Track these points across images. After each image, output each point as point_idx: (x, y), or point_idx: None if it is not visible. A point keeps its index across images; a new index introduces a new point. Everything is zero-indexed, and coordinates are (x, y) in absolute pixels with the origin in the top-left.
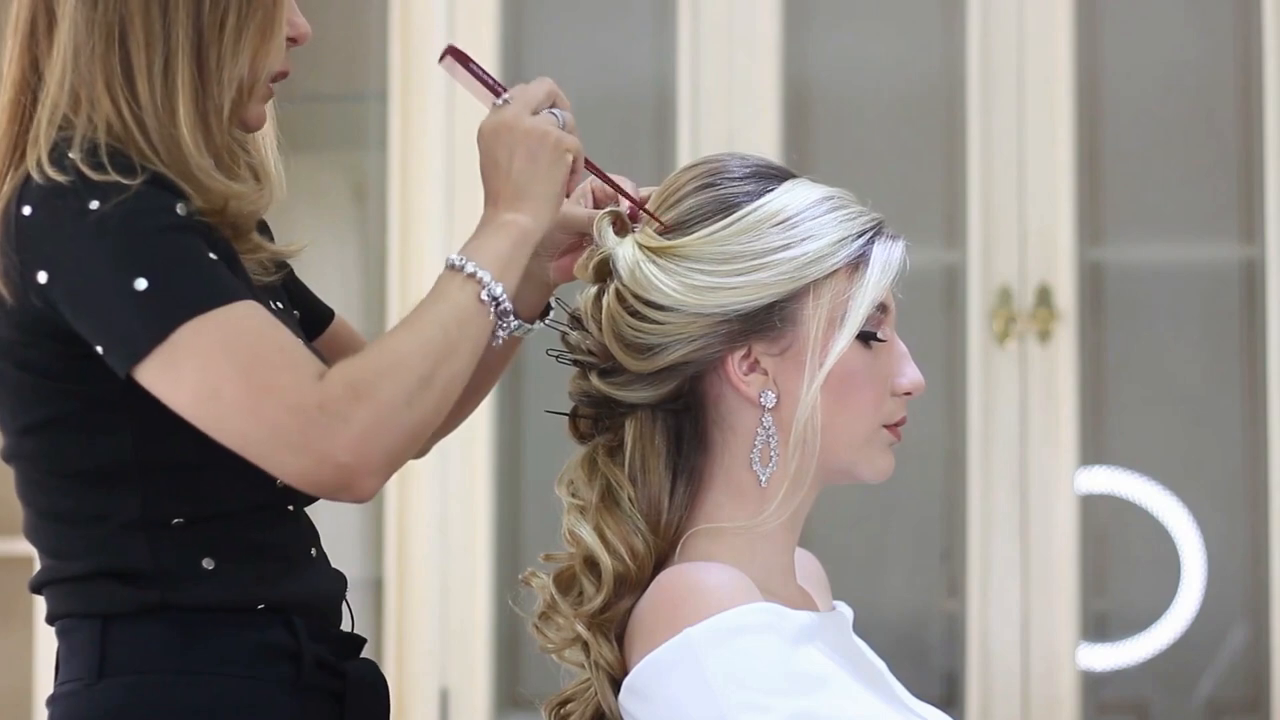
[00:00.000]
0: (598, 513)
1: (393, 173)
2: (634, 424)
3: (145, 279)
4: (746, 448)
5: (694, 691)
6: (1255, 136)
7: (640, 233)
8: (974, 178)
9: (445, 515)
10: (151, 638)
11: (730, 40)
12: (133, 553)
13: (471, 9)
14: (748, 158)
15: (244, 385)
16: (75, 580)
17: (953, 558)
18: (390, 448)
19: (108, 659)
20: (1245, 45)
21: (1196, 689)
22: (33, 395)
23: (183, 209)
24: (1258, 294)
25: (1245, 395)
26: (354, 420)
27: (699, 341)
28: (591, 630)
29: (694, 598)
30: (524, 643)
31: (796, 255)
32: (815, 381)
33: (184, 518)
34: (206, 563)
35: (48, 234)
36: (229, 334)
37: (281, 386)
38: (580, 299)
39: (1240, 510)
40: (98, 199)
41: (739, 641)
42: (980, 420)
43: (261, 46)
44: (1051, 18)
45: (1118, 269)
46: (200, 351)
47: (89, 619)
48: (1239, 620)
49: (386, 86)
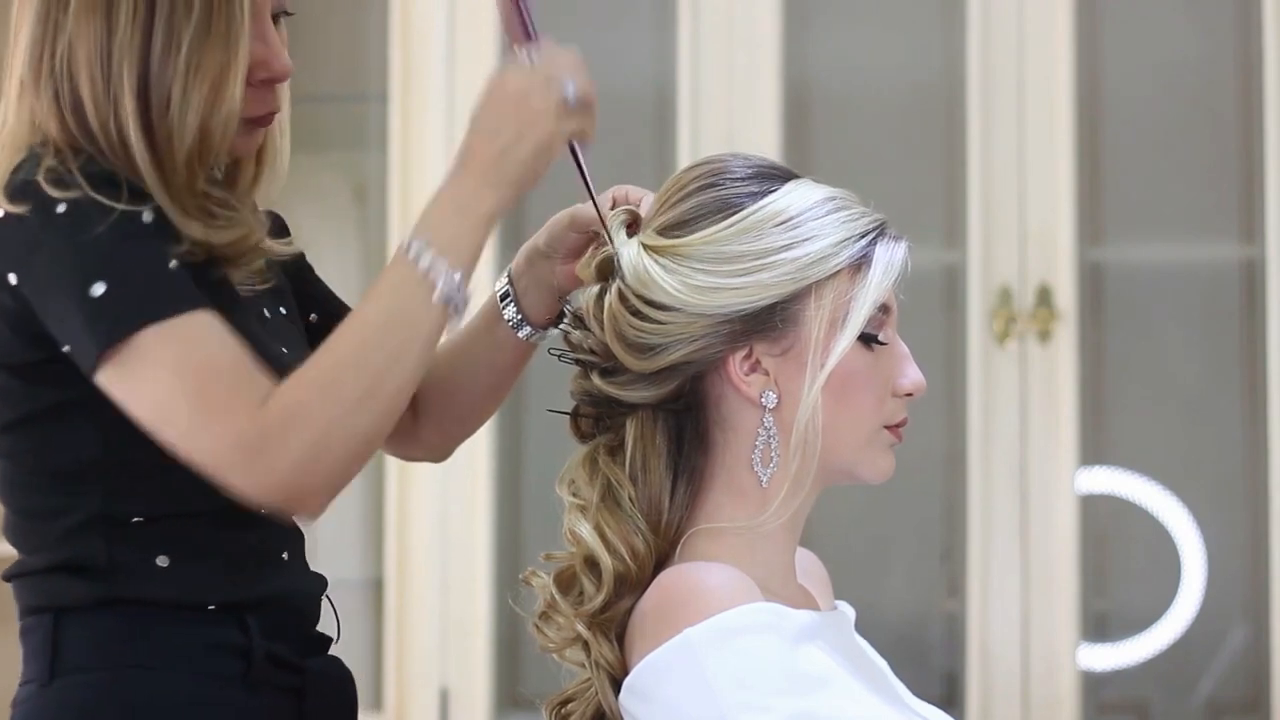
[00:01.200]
0: (598, 512)
1: (393, 173)
2: (635, 423)
3: (103, 283)
4: (747, 448)
5: (694, 692)
6: (1255, 136)
7: (644, 232)
8: (974, 178)
9: (445, 515)
10: (101, 631)
11: (730, 40)
12: (89, 548)
13: (472, 9)
14: (750, 158)
15: (190, 408)
16: (34, 574)
17: (953, 558)
18: (333, 467)
19: (59, 657)
20: (1245, 45)
21: (1196, 689)
22: (11, 393)
23: (149, 215)
24: (1258, 294)
25: (1245, 395)
26: (293, 446)
27: (700, 341)
28: (592, 630)
29: (694, 598)
30: (524, 643)
31: (799, 256)
32: (817, 382)
33: (143, 516)
34: (161, 560)
35: (16, 235)
36: (179, 349)
37: (227, 411)
38: (582, 298)
39: (1240, 510)
40: (65, 202)
41: (739, 641)
42: (980, 420)
43: (215, 99)
44: (1051, 18)
45: (1118, 269)
46: (151, 364)
47: (43, 613)
48: (1239, 620)
49: (386, 87)
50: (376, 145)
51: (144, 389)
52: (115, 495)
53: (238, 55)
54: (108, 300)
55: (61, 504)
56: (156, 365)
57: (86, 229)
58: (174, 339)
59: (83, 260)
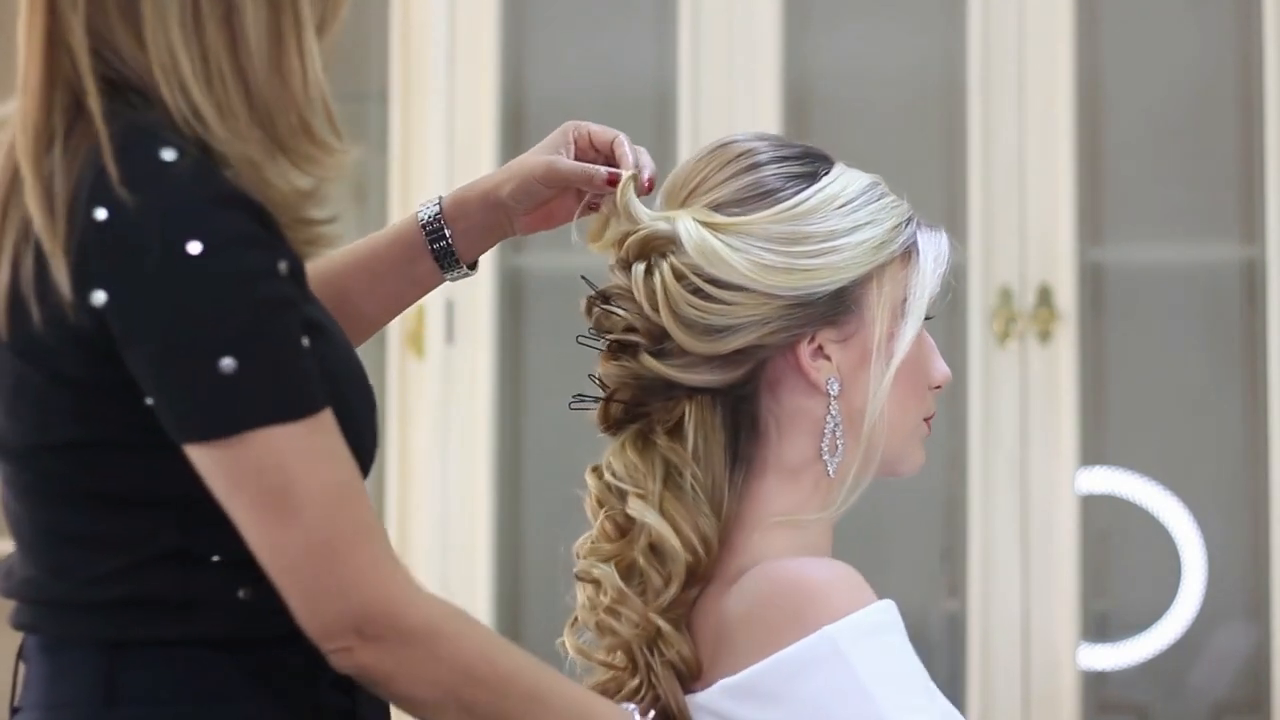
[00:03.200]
0: (661, 498)
1: (393, 173)
2: (694, 408)
3: (234, 360)
4: (802, 435)
5: (844, 693)
6: (1255, 136)
7: (693, 208)
8: (974, 178)
9: (445, 515)
10: (167, 666)
11: (730, 40)
12: (163, 583)
13: (472, 9)
14: (772, 136)
15: (305, 545)
16: (85, 607)
17: (953, 558)
18: (417, 696)
19: (118, 685)
20: (1245, 45)
21: (1197, 689)
22: (61, 410)
23: (285, 267)
24: (1258, 294)
25: (1245, 395)
26: (411, 664)
27: (773, 324)
28: (671, 624)
29: (821, 594)
30: (524, 643)
31: (865, 240)
32: (890, 369)
33: (222, 556)
34: (243, 594)
35: (123, 255)
36: (305, 464)
37: (346, 573)
38: (614, 276)
39: (1240, 510)
40: (199, 239)
41: (882, 640)
42: (980, 420)
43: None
44: (1052, 18)
45: (1118, 269)
46: (266, 471)
47: (90, 646)
48: (1239, 620)
49: (387, 86)
50: (376, 145)
51: (250, 492)
52: (193, 531)
53: None
54: (236, 381)
55: (125, 534)
56: (273, 471)
57: (222, 283)
58: (296, 448)
59: (211, 324)
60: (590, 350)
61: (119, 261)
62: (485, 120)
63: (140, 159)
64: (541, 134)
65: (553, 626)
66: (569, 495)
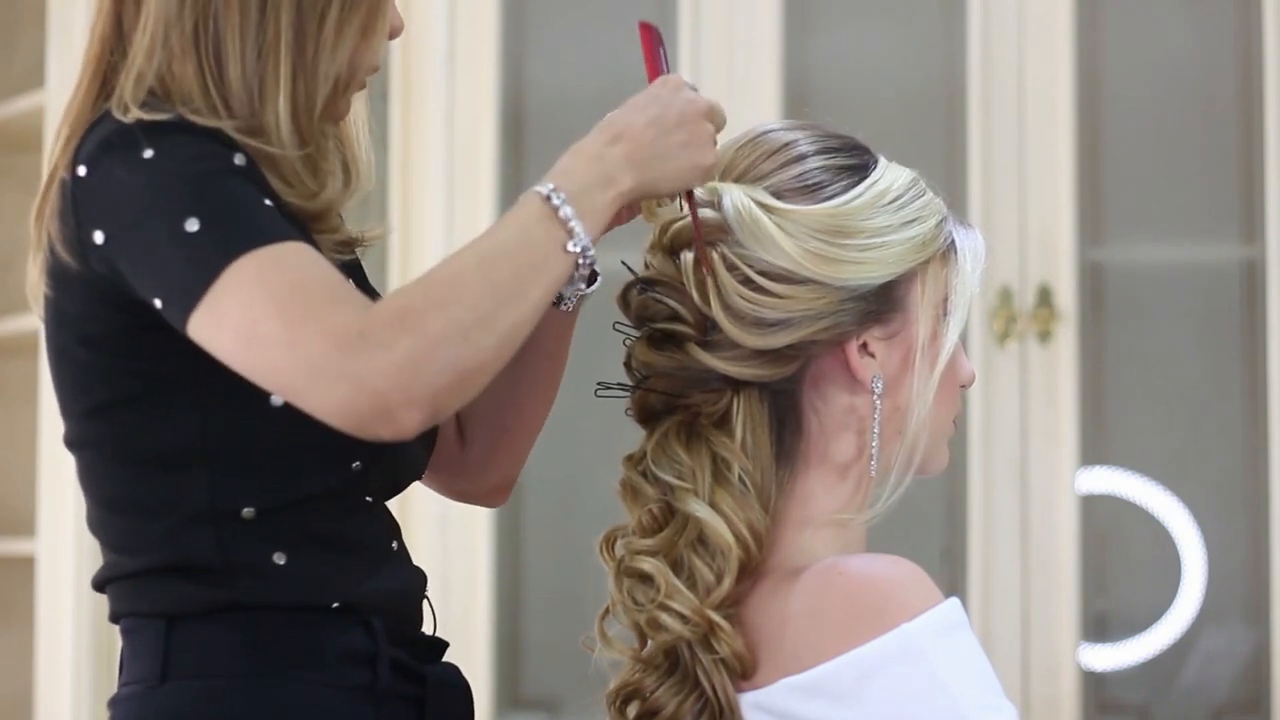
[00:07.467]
0: (712, 491)
1: (393, 172)
2: (743, 401)
3: (197, 220)
4: (846, 432)
5: (924, 692)
6: (1255, 136)
7: (748, 188)
8: (974, 178)
9: (445, 515)
10: (218, 638)
11: (730, 40)
12: (199, 546)
13: (472, 9)
14: (804, 124)
15: (283, 318)
16: (138, 576)
17: (953, 558)
18: (436, 382)
19: (171, 660)
20: (1246, 45)
21: (1196, 689)
22: (98, 374)
23: (241, 160)
24: (1258, 294)
25: (1245, 395)
26: (397, 347)
27: (827, 319)
28: (727, 618)
29: (894, 593)
30: (524, 643)
31: (913, 236)
32: (938, 368)
33: (255, 508)
34: (278, 557)
35: (101, 190)
36: (274, 271)
37: (321, 316)
38: (657, 261)
39: (1240, 510)
40: (152, 147)
41: (957, 639)
42: (980, 420)
43: (363, 43)
44: (1051, 18)
45: (1118, 269)
46: (243, 287)
47: (152, 618)
48: (1239, 621)
49: (387, 86)
50: (376, 145)
51: (233, 315)
52: (222, 485)
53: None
54: (203, 234)
55: (162, 496)
56: (248, 287)
57: (174, 168)
58: (268, 263)
59: (173, 199)
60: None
61: (100, 196)
62: (485, 120)
63: (119, 132)
64: (541, 134)
65: (553, 626)
66: (570, 494)
